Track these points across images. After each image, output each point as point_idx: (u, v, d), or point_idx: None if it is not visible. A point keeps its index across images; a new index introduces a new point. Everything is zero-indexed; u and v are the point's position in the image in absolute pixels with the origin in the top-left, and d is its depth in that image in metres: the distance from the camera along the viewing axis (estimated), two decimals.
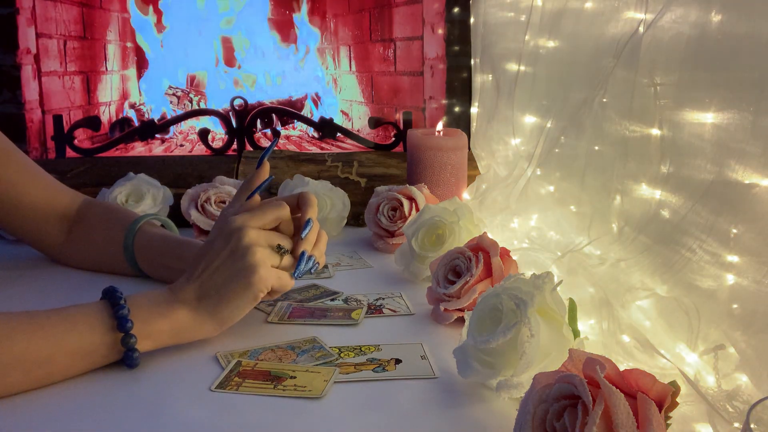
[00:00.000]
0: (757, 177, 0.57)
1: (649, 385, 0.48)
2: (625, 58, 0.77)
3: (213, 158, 1.41)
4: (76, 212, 0.98)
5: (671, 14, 0.69)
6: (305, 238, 0.75)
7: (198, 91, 2.34)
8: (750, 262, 0.58)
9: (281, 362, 0.70)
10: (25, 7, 1.54)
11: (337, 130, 1.62)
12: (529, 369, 0.59)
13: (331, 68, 2.43)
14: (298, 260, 0.74)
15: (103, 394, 0.64)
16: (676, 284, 0.67)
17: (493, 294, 0.66)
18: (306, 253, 0.75)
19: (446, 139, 1.20)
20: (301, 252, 0.75)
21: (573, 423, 0.46)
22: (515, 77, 1.11)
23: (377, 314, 0.84)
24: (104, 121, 1.98)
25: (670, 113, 0.69)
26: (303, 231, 0.75)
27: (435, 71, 1.58)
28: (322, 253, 0.78)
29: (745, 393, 0.57)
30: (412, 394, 0.64)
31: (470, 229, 0.95)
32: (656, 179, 0.72)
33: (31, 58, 1.56)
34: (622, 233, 0.78)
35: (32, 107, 1.55)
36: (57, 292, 0.92)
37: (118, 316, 0.66)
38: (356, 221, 1.27)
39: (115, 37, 2.18)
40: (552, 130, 0.98)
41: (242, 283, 0.71)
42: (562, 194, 0.97)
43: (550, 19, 0.99)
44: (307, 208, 0.76)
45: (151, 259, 0.92)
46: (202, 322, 0.71)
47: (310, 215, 0.76)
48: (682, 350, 0.65)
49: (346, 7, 2.26)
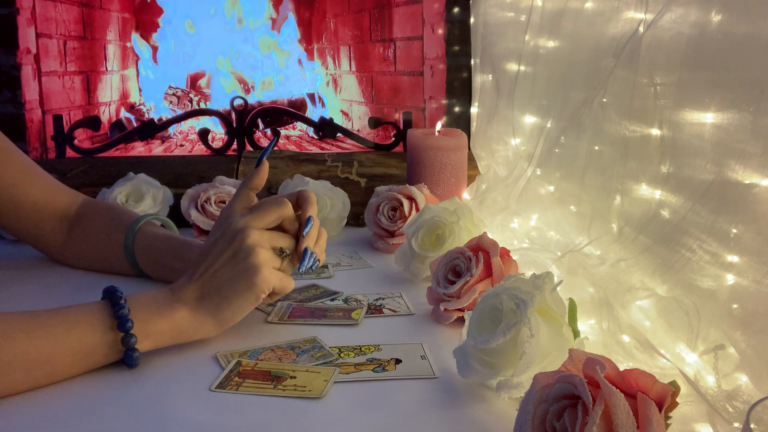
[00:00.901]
0: (757, 177, 0.57)
1: (649, 385, 0.48)
2: (625, 58, 0.77)
3: (213, 158, 1.41)
4: (76, 212, 0.99)
5: (671, 14, 0.69)
6: (307, 236, 0.76)
7: (198, 92, 2.34)
8: (750, 262, 0.58)
9: (281, 362, 0.70)
10: (25, 7, 1.54)
11: (337, 130, 1.62)
12: (529, 369, 0.59)
13: (331, 68, 2.43)
14: (302, 257, 0.75)
15: (103, 394, 0.64)
16: (676, 284, 0.67)
17: (493, 294, 0.66)
18: (309, 250, 0.76)
19: (446, 139, 1.20)
20: (304, 249, 0.75)
21: (573, 423, 0.46)
22: (515, 77, 1.11)
23: (377, 314, 0.84)
24: (104, 121, 1.98)
25: (670, 113, 0.69)
26: (304, 229, 0.76)
27: (435, 71, 1.58)
28: (323, 250, 0.79)
29: (745, 393, 0.57)
30: (412, 394, 0.64)
31: (470, 229, 0.95)
32: (656, 179, 0.72)
33: (31, 58, 1.56)
34: (622, 233, 0.78)
35: (32, 107, 1.55)
36: (57, 292, 0.92)
37: (119, 315, 0.67)
38: (356, 221, 1.27)
39: (115, 37, 2.18)
40: (552, 130, 0.98)
41: (245, 284, 0.71)
42: (562, 194, 0.97)
43: (550, 19, 0.99)
44: (307, 206, 0.77)
45: (152, 258, 0.92)
46: (202, 322, 0.71)
47: (310, 213, 0.76)
48: (682, 350, 0.65)
49: (346, 7, 2.26)
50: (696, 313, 0.64)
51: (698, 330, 0.63)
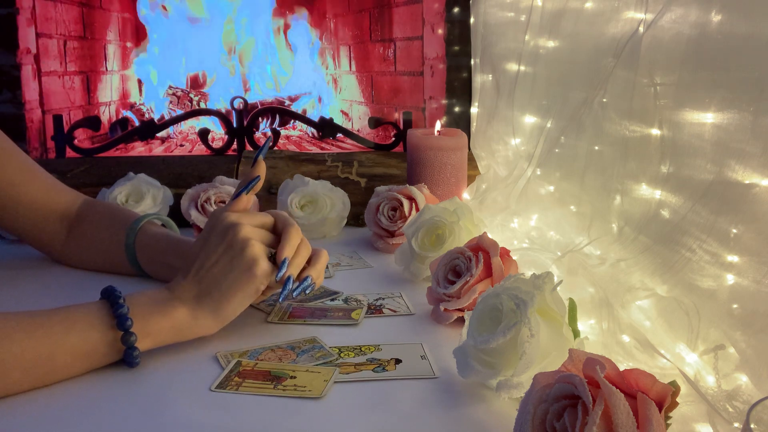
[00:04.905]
0: (757, 177, 0.57)
1: (649, 385, 0.48)
2: (625, 58, 0.77)
3: (213, 158, 1.41)
4: (77, 212, 0.99)
5: (671, 14, 0.69)
6: (285, 245, 0.74)
7: (198, 91, 2.34)
8: (750, 262, 0.58)
9: (281, 362, 0.70)
10: (25, 7, 1.54)
11: (337, 130, 1.62)
12: (529, 369, 0.59)
13: (331, 68, 2.43)
14: (279, 267, 0.73)
15: (103, 394, 0.64)
16: (676, 284, 0.67)
17: (493, 294, 0.66)
18: (287, 260, 0.73)
19: (446, 139, 1.20)
20: (283, 259, 0.73)
21: (573, 423, 0.46)
22: (515, 77, 1.11)
23: (377, 314, 0.84)
24: (104, 121, 1.98)
25: (670, 113, 0.69)
26: (279, 272, 0.73)
27: (435, 71, 1.58)
28: (320, 272, 0.77)
29: (745, 393, 0.57)
30: (412, 394, 0.64)
31: (470, 229, 0.95)
32: (656, 179, 0.72)
33: (31, 58, 1.56)
34: (622, 233, 0.78)
35: (32, 107, 1.55)
36: (57, 292, 0.92)
37: (118, 314, 0.67)
38: (356, 221, 1.27)
39: (115, 37, 2.18)
40: (552, 130, 0.98)
41: (244, 276, 0.71)
42: (562, 194, 0.96)
43: (550, 19, 0.99)
44: (283, 220, 0.77)
45: (153, 258, 0.92)
46: (201, 318, 0.71)
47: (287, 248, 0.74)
48: (682, 350, 0.65)
49: (346, 7, 2.26)
50: (696, 313, 0.64)
51: (698, 330, 0.63)
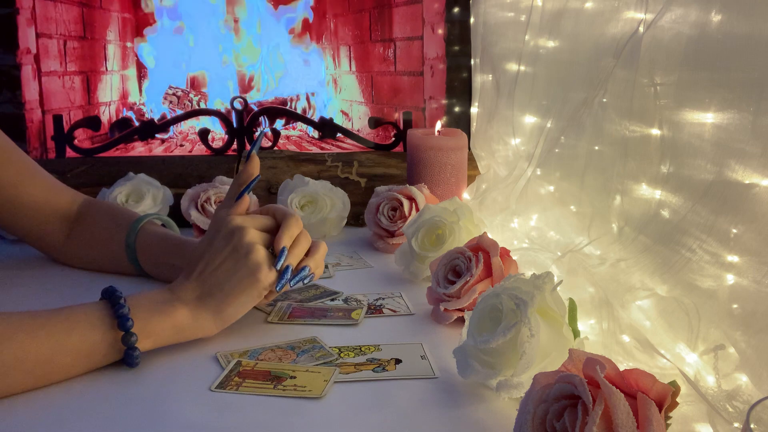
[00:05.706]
0: (757, 177, 0.57)
1: (649, 385, 0.48)
2: (625, 58, 0.77)
3: (213, 158, 1.41)
4: (77, 212, 0.99)
5: (671, 14, 0.69)
6: (283, 234, 0.74)
7: (198, 92, 2.34)
8: (750, 262, 0.58)
9: (281, 362, 0.70)
10: (25, 7, 1.54)
11: (337, 130, 1.62)
12: (529, 369, 0.59)
13: (331, 68, 2.43)
14: (278, 256, 0.73)
15: (103, 394, 0.64)
16: (676, 284, 0.67)
17: (493, 294, 0.66)
18: (286, 249, 0.74)
19: (446, 139, 1.20)
20: (282, 248, 0.73)
21: (573, 423, 0.46)
22: (515, 77, 1.11)
23: (377, 314, 0.84)
24: (104, 121, 1.98)
25: (670, 113, 0.69)
26: (278, 261, 0.74)
27: (435, 71, 1.58)
28: (319, 263, 0.77)
29: (745, 393, 0.57)
30: (412, 394, 0.64)
31: (470, 229, 0.95)
32: (656, 179, 0.72)
33: (31, 58, 1.56)
34: (622, 233, 0.78)
35: (32, 107, 1.55)
36: (57, 292, 0.92)
37: (119, 314, 0.67)
38: (356, 221, 1.27)
39: (115, 37, 2.18)
40: (552, 130, 0.98)
41: (248, 280, 0.71)
42: (562, 194, 0.96)
43: (550, 19, 0.99)
44: (283, 228, 0.76)
45: (154, 257, 0.92)
46: (202, 320, 0.72)
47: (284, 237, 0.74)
48: (682, 350, 0.65)
49: (346, 7, 2.26)
50: (696, 313, 0.63)
51: (698, 330, 0.63)
